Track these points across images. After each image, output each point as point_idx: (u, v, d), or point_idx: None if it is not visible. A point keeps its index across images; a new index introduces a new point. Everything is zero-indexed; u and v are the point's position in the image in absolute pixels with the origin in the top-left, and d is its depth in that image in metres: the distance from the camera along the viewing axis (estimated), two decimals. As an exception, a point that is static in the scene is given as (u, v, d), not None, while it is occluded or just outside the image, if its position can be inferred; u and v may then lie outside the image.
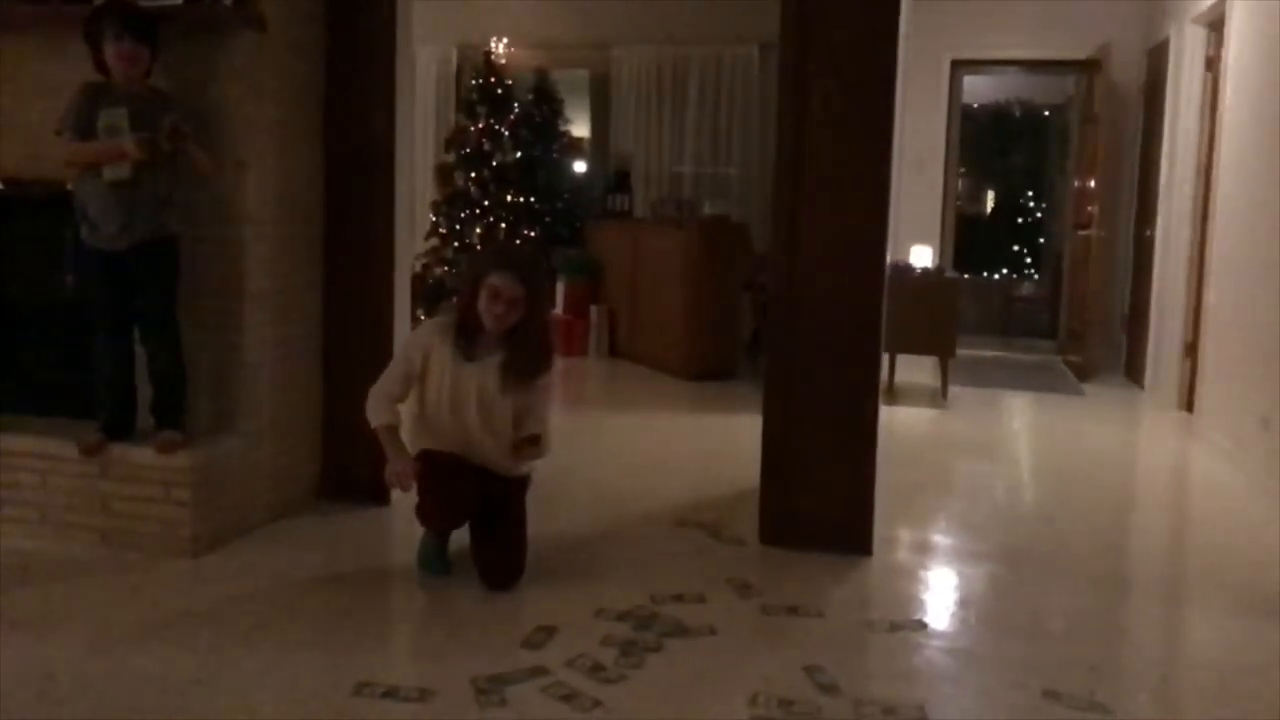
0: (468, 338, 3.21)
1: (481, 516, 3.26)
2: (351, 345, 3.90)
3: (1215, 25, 6.00)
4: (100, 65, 3.29)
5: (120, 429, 3.44)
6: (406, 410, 3.31)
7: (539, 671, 2.63)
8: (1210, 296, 5.77)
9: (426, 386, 3.24)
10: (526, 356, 3.23)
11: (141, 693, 2.50)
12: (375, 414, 3.23)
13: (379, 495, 3.85)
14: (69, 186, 3.38)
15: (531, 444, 3.27)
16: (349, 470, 3.92)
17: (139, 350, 3.45)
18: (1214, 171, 5.86)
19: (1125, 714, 2.55)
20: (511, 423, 3.26)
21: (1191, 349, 6.13)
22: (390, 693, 2.52)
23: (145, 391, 3.46)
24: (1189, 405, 6.08)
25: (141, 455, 3.37)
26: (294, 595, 3.13)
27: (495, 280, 3.15)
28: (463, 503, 3.23)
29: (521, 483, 3.38)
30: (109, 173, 3.23)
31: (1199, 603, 3.41)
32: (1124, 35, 7.71)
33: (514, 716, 2.43)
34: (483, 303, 3.17)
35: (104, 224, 3.28)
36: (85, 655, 2.69)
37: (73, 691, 2.50)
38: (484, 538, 3.26)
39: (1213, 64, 6.08)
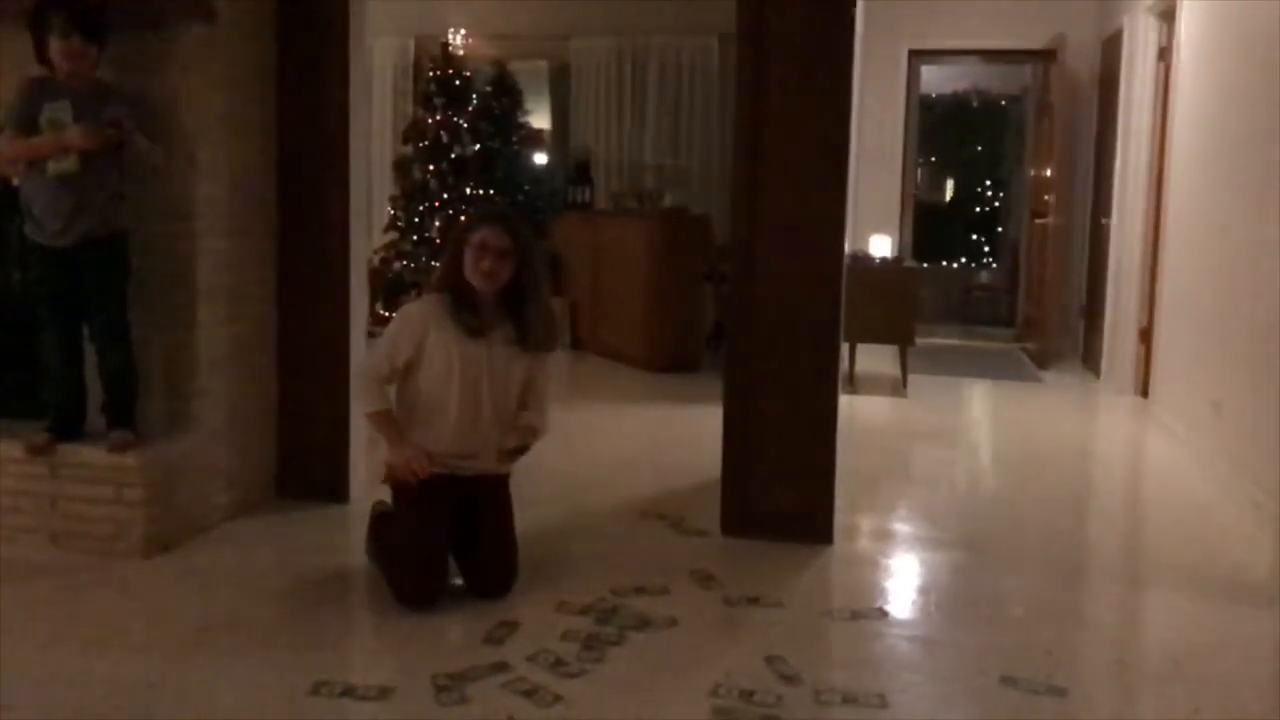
0: (468, 310, 3.02)
1: (465, 523, 3.08)
2: (307, 341, 3.85)
3: (1167, 16, 6.07)
4: (43, 58, 3.22)
5: (69, 428, 3.37)
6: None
7: (500, 667, 2.62)
8: (1164, 284, 5.85)
9: (426, 373, 3.03)
10: (540, 325, 3.08)
11: (93, 695, 2.46)
12: (366, 400, 3.07)
13: (337, 492, 3.83)
14: (15, 183, 3.30)
15: (520, 453, 3.18)
16: (306, 468, 3.88)
17: (88, 348, 3.38)
18: (1167, 161, 5.93)
19: (1081, 696, 2.58)
20: (515, 401, 3.13)
21: (1146, 336, 6.21)
22: (348, 691, 2.49)
23: (95, 390, 3.40)
24: (1144, 391, 6.17)
25: (92, 455, 3.31)
26: (250, 595, 3.09)
27: (481, 233, 2.99)
28: (439, 578, 3.03)
29: (506, 478, 3.24)
30: (54, 167, 3.16)
31: (1153, 585, 3.45)
32: (1078, 25, 7.79)
33: (475, 713, 2.41)
34: (469, 262, 2.99)
35: (49, 220, 3.21)
36: (36, 659, 2.63)
37: (23, 695, 2.45)
38: (470, 545, 3.10)
39: (1165, 54, 6.15)
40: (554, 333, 3.20)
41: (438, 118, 7.79)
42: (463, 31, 8.08)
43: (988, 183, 11.47)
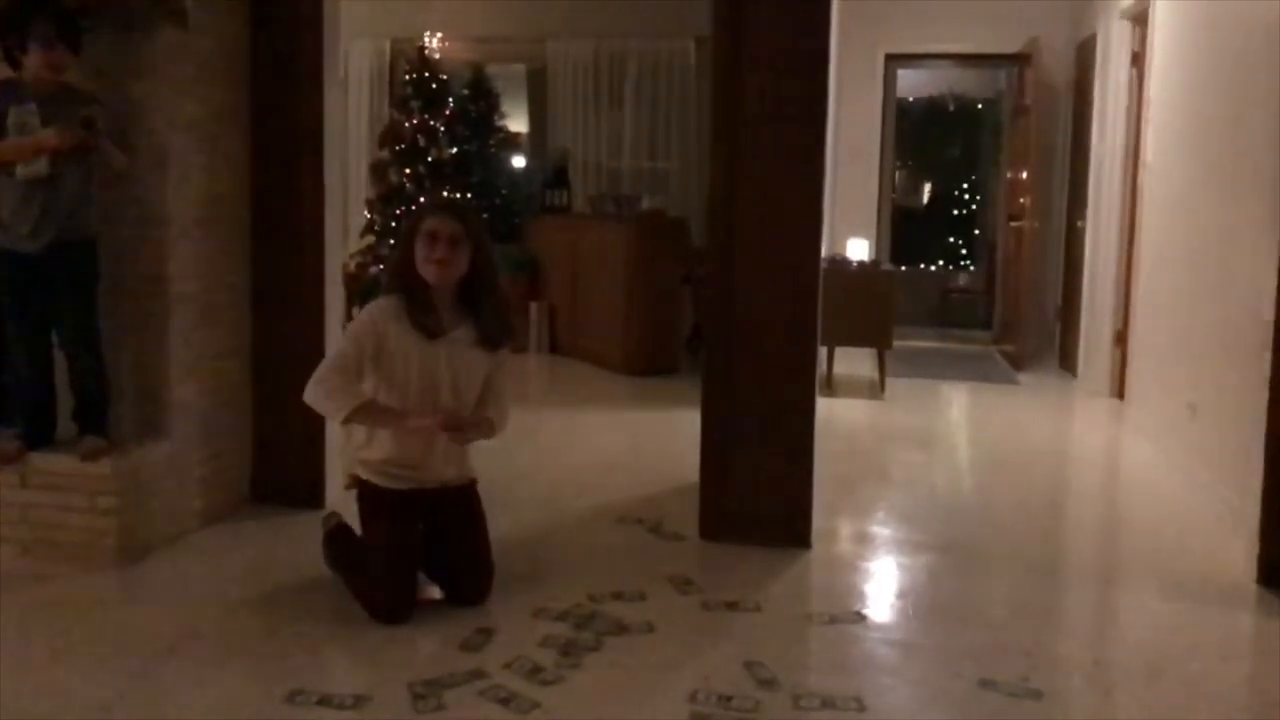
0: (424, 310, 2.91)
1: (436, 534, 3.05)
2: (282, 345, 3.82)
3: (1140, 20, 6.12)
4: (13, 60, 3.18)
5: (40, 436, 3.33)
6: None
7: (477, 675, 2.60)
8: (1139, 287, 5.89)
9: (387, 378, 2.95)
10: (497, 320, 3.00)
11: (67, 709, 2.43)
12: (341, 404, 2.89)
13: (312, 498, 3.80)
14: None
15: (475, 428, 3.02)
16: (281, 473, 3.86)
17: (58, 354, 3.34)
18: (1141, 164, 5.97)
19: (1058, 698, 2.59)
20: (474, 404, 3.05)
21: (1122, 338, 6.25)
22: (324, 700, 2.47)
23: (66, 397, 3.36)
24: (1120, 393, 6.21)
25: (63, 463, 3.27)
26: (225, 603, 3.06)
27: (430, 223, 2.90)
28: (411, 591, 2.98)
29: (472, 486, 3.18)
30: (23, 170, 3.12)
31: (1129, 587, 3.47)
32: (1053, 29, 7.85)
33: (451, 721, 2.40)
34: (420, 255, 2.88)
35: (17, 224, 3.17)
36: (7, 672, 2.60)
37: (-9, 709, 2.42)
38: (443, 556, 3.06)
39: (1138, 59, 6.20)
40: (508, 324, 3.09)
41: (414, 121, 7.76)
42: (439, 34, 8.05)
43: (964, 186, 11.53)
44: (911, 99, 10.93)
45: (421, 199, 7.62)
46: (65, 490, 3.27)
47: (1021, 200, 7.94)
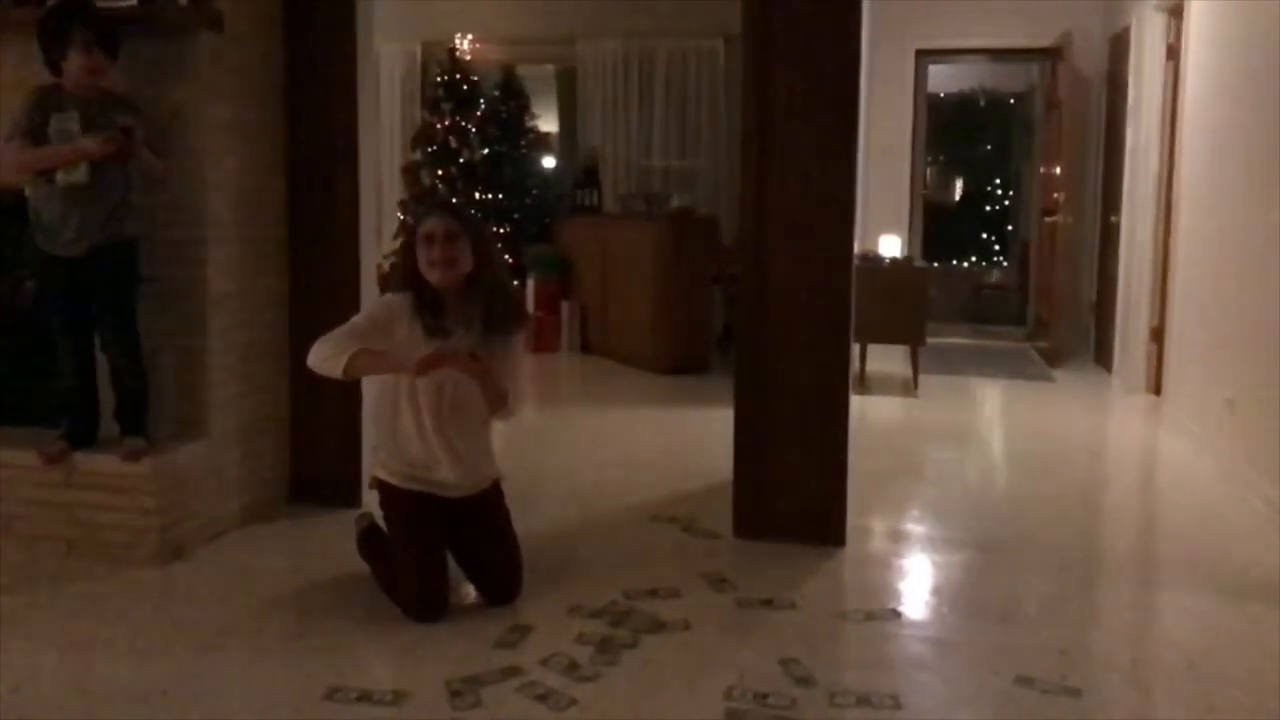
0: (431, 312, 2.96)
1: (462, 538, 3.09)
2: (319, 347, 3.86)
3: (1175, 12, 6.05)
4: (54, 66, 3.23)
5: (83, 436, 3.39)
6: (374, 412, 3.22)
7: (513, 671, 2.62)
8: (1175, 281, 5.83)
9: (389, 377, 3.03)
10: (501, 311, 3.00)
11: (110, 703, 2.47)
12: (341, 351, 2.88)
13: (349, 498, 3.83)
14: (27, 193, 3.32)
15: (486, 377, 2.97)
16: (318, 473, 3.90)
17: (100, 356, 3.40)
18: (1176, 158, 5.91)
19: (1096, 696, 2.57)
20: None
21: (1158, 333, 6.19)
22: (364, 696, 2.50)
23: (108, 398, 3.41)
24: (1156, 389, 6.14)
25: (106, 463, 3.32)
26: (264, 600, 3.10)
27: (426, 225, 2.94)
28: (442, 589, 2.99)
29: (495, 490, 3.20)
30: (63, 177, 3.17)
31: (1168, 585, 3.44)
32: (1086, 23, 7.78)
33: (489, 717, 2.41)
34: (422, 257, 2.93)
35: (59, 230, 3.23)
36: (52, 667, 2.65)
37: (39, 703, 2.47)
38: (473, 556, 3.11)
39: (1173, 51, 6.13)
40: (515, 312, 3.10)
41: (446, 123, 7.82)
42: (469, 36, 8.10)
43: (997, 181, 11.45)
44: (943, 94, 10.86)
45: (454, 200, 7.67)
46: (107, 490, 3.33)
47: (1055, 195, 7.87)
